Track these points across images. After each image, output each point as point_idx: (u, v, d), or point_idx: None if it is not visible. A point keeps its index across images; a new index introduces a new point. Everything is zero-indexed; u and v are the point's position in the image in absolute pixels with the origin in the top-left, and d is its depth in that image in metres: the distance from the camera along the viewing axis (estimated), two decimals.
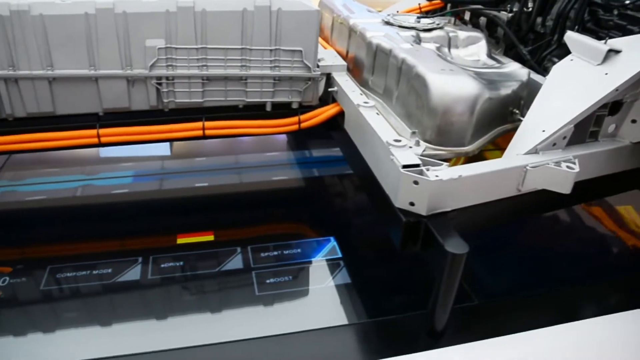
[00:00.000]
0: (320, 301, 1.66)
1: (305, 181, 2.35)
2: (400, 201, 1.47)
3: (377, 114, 1.76)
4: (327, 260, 1.82)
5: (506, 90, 1.77)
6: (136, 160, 2.41)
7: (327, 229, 1.99)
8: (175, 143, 2.47)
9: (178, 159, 2.46)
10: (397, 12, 2.73)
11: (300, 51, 1.92)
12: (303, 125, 2.05)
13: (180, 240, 1.86)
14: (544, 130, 1.58)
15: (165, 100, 1.91)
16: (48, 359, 1.43)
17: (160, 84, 1.88)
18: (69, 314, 1.61)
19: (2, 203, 2.12)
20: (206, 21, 1.82)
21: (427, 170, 1.43)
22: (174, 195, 2.18)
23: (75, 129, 1.94)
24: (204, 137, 2.01)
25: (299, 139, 2.58)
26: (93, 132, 1.93)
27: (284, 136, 2.59)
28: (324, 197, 2.23)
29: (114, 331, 1.54)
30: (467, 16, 2.78)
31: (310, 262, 1.81)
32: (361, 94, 1.90)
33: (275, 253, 1.84)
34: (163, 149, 2.45)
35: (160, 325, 1.56)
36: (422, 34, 2.04)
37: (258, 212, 2.11)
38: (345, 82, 1.99)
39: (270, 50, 1.90)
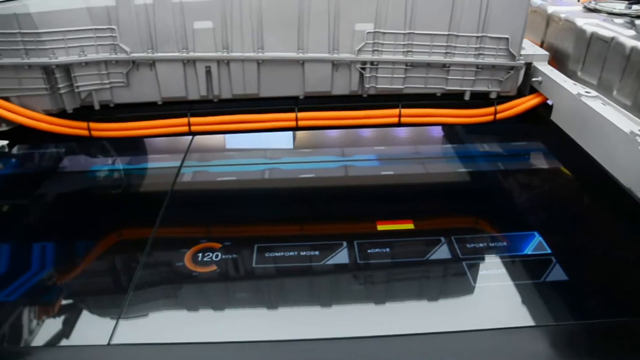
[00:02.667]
0: (532, 298, 1.56)
1: (497, 174, 2.26)
2: None
3: (603, 104, 1.65)
4: (535, 255, 1.71)
5: None
6: (325, 145, 2.41)
7: (528, 223, 1.89)
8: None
9: (366, 147, 2.44)
10: None
11: (507, 39, 1.84)
12: (499, 116, 1.97)
13: (381, 227, 1.82)
14: None
15: (366, 86, 1.89)
16: (265, 335, 1.42)
17: (364, 68, 1.86)
18: (282, 293, 1.60)
19: (198, 182, 2.17)
20: (417, 6, 1.78)
21: None
22: (369, 182, 2.16)
23: (274, 112, 1.94)
24: (399, 124, 1.97)
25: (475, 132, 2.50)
26: (292, 115, 1.93)
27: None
28: (518, 191, 2.13)
29: (325, 313, 1.52)
30: None
31: (517, 257, 1.72)
32: (575, 84, 1.79)
33: (481, 245, 1.76)
34: (350, 135, 2.44)
35: (371, 310, 1.53)
36: (638, 21, 1.91)
37: (456, 203, 2.04)
38: (551, 72, 1.89)
39: (477, 37, 1.84)
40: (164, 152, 2.41)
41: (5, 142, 1.69)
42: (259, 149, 2.35)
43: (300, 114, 1.90)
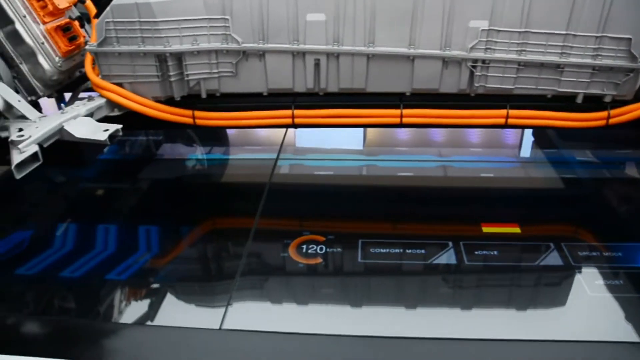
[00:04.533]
0: None
1: (606, 182, 2.17)
2: None
3: None
4: None
5: None
6: (421, 144, 2.38)
7: None
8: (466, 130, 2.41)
9: (463, 147, 2.40)
10: None
11: (629, 39, 1.76)
12: (612, 120, 1.89)
13: (486, 229, 1.77)
14: None
15: (475, 85, 1.84)
16: (373, 330, 1.40)
17: (475, 67, 1.82)
18: (388, 290, 1.58)
19: (295, 175, 2.18)
20: (535, 3, 1.72)
21: None
22: (470, 183, 2.11)
23: (377, 108, 1.92)
24: (506, 125, 1.91)
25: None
26: (397, 112, 1.90)
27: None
28: (632, 200, 2.04)
29: (429, 313, 1.49)
30: None
31: (632, 268, 1.64)
32: None
33: (593, 254, 1.69)
34: (447, 134, 2.41)
35: (478, 313, 1.49)
36: None
37: (563, 209, 1.98)
38: None
39: (596, 37, 1.76)
40: (258, 144, 2.43)
41: (119, 126, 1.72)
42: (355, 145, 2.34)
43: (405, 111, 1.87)
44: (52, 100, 2.24)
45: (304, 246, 1.72)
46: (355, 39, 1.79)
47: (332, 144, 2.38)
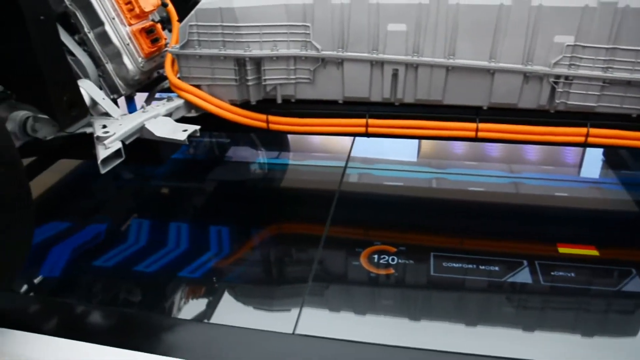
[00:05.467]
0: None
1: None
2: None
3: None
4: None
5: None
6: (491, 159, 2.35)
7: None
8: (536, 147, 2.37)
9: (534, 164, 2.35)
10: None
11: None
12: None
13: (562, 250, 1.72)
14: None
15: (556, 101, 1.80)
16: (443, 344, 1.37)
17: (557, 83, 1.77)
18: (462, 305, 1.55)
19: (364, 184, 2.18)
20: (626, 19, 1.67)
21: None
22: (544, 202, 2.07)
23: (452, 120, 1.90)
24: (585, 144, 1.86)
25: None
26: (472, 125, 1.88)
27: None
28: None
29: (501, 333, 1.45)
30: None
31: None
32: None
33: None
34: (520, 149, 2.37)
35: (552, 337, 1.44)
36: None
37: None
38: None
39: None
40: (325, 151, 2.44)
41: (198, 127, 1.76)
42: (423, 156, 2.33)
43: (482, 125, 1.84)
44: (122, 100, 2.31)
45: (375, 256, 1.71)
46: (435, 50, 1.78)
47: (400, 155, 2.37)
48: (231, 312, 1.54)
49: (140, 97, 2.11)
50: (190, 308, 1.58)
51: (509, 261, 1.66)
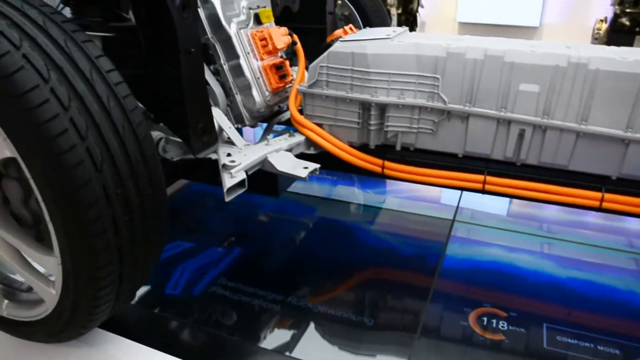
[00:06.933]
0: None
1: None
2: None
3: None
4: None
5: None
6: (612, 232, 2.24)
7: None
8: None
9: None
10: None
11: None
12: None
13: None
14: None
15: None
16: None
17: None
18: None
19: (472, 240, 2.13)
20: None
21: None
22: None
23: (573, 187, 1.82)
24: None
25: None
26: (597, 194, 1.80)
27: None
28: None
29: None
30: None
31: None
32: None
33: None
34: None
35: None
36: None
37: None
38: None
39: None
40: (432, 200, 2.42)
41: (318, 166, 1.79)
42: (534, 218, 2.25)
43: (608, 196, 1.77)
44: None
45: (485, 318, 1.66)
46: (567, 114, 1.73)
47: (510, 212, 2.31)
48: (326, 351, 1.53)
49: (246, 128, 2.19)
50: (289, 344, 1.59)
51: (634, 346, 1.55)
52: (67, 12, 1.74)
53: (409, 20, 6.29)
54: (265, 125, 2.24)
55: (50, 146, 1.14)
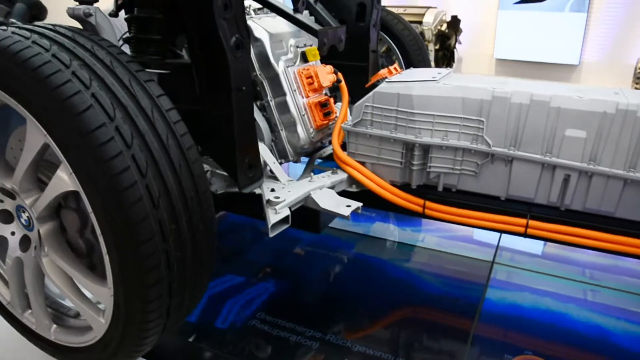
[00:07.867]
0: None
1: None
2: None
3: None
4: None
5: None
6: None
7: None
8: None
9: None
10: None
11: None
12: None
13: None
14: None
15: None
16: None
17: None
18: None
19: (512, 284, 2.11)
20: None
21: None
22: None
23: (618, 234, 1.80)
24: None
25: None
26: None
27: None
28: None
29: None
30: None
31: None
32: None
33: None
34: None
35: None
36: None
37: None
38: None
39: None
40: (471, 241, 2.40)
41: (360, 204, 1.80)
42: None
43: None
44: None
45: None
46: (614, 161, 1.72)
47: (551, 256, 2.28)
48: None
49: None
50: None
51: None
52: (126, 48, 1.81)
53: (446, 56, 6.30)
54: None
55: (112, 183, 1.19)
